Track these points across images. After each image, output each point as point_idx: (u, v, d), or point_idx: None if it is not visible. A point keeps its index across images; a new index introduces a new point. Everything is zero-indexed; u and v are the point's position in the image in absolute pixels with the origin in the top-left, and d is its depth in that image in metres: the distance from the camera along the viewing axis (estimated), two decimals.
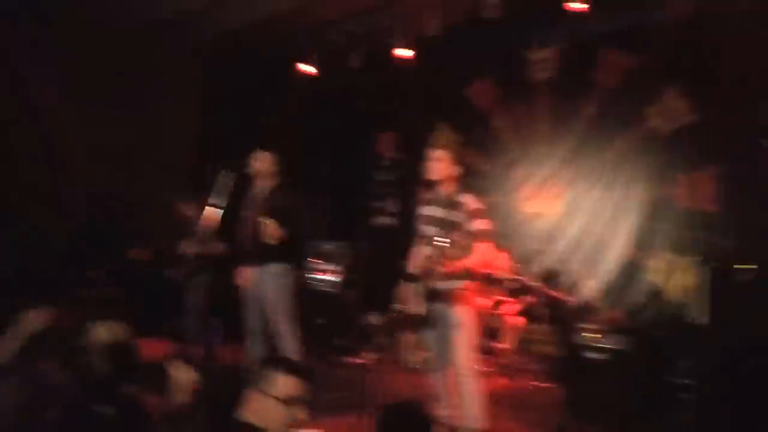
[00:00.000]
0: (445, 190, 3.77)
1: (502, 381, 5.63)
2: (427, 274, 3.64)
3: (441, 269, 3.47)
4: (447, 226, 3.63)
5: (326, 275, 6.34)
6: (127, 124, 6.72)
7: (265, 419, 2.16)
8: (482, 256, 3.61)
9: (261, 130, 7.07)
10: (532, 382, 5.54)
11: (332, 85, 7.60)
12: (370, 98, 7.61)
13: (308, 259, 6.27)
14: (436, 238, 3.61)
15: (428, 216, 3.83)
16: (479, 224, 3.65)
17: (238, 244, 4.58)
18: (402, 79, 7.32)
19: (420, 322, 3.72)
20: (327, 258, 6.54)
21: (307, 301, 6.40)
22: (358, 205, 7.64)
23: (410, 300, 3.74)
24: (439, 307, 3.63)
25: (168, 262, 5.58)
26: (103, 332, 2.43)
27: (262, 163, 4.46)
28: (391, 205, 7.63)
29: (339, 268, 6.37)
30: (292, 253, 4.37)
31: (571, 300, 5.82)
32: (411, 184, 4.01)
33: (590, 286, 6.12)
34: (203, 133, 7.54)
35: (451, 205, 3.69)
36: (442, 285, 3.61)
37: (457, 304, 3.59)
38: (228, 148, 5.32)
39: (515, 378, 5.68)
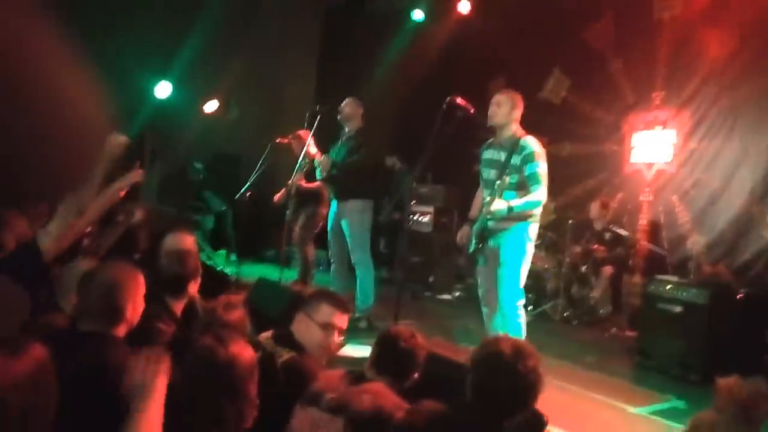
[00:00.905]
0: (505, 133, 3.87)
1: (584, 327, 5.66)
2: (482, 214, 3.83)
3: (492, 209, 3.61)
4: (505, 169, 3.75)
5: (420, 216, 6.65)
6: (251, 73, 7.39)
7: (305, 339, 2.56)
8: (536, 198, 3.69)
9: (371, 78, 7.41)
10: (613, 331, 5.49)
11: (442, 32, 7.68)
12: (481, 44, 7.56)
13: (400, 198, 6.59)
14: (492, 181, 3.79)
15: (488, 159, 3.97)
16: (538, 167, 3.72)
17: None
18: (514, 23, 7.20)
19: (474, 260, 3.95)
20: (423, 200, 6.84)
21: (403, 239, 6.83)
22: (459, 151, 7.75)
23: (468, 239, 3.97)
24: (490, 245, 3.81)
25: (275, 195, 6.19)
26: (174, 241, 3.00)
27: (348, 107, 4.84)
28: None
29: (434, 210, 6.64)
30: (370, 189, 4.74)
31: (666, 253, 5.59)
32: None
33: (696, 240, 5.80)
34: (322, 80, 8.08)
35: (511, 148, 3.79)
36: (493, 225, 3.78)
37: (506, 244, 3.74)
38: (343, 94, 5.70)
39: (598, 325, 5.67)
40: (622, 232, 5.87)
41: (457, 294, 6.64)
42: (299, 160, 5.08)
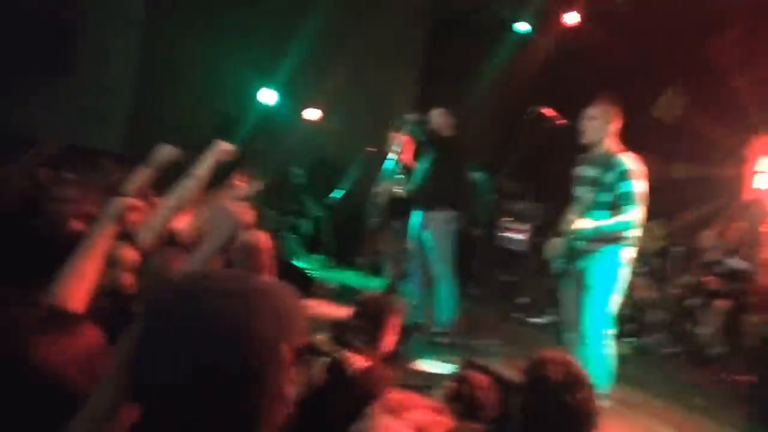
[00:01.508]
0: (599, 149, 3.64)
1: (690, 366, 5.14)
2: (568, 233, 3.60)
3: (578, 228, 3.41)
4: (598, 186, 3.53)
5: (515, 234, 6.40)
6: (354, 82, 7.49)
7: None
8: (628, 219, 3.43)
9: (474, 90, 7.28)
10: (723, 374, 4.93)
11: (548, 44, 7.41)
12: (589, 57, 7.18)
13: (487, 213, 6.38)
14: (583, 198, 3.58)
15: (581, 176, 3.76)
16: (633, 186, 3.45)
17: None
18: (624, 36, 6.78)
19: (558, 281, 3.72)
20: (520, 217, 6.58)
21: (494, 257, 6.61)
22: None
23: (556, 253, 3.75)
24: (576, 266, 3.58)
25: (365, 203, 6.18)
26: (245, 237, 3.04)
27: (437, 117, 4.77)
28: None
29: (531, 228, 6.36)
30: (457, 201, 4.61)
31: None
32: None
33: None
34: (424, 90, 8.06)
35: (605, 165, 3.56)
36: (580, 245, 3.54)
37: (593, 267, 3.49)
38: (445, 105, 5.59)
39: (707, 366, 5.12)
40: (740, 264, 5.28)
41: (549, 318, 6.29)
42: (391, 167, 5.04)
